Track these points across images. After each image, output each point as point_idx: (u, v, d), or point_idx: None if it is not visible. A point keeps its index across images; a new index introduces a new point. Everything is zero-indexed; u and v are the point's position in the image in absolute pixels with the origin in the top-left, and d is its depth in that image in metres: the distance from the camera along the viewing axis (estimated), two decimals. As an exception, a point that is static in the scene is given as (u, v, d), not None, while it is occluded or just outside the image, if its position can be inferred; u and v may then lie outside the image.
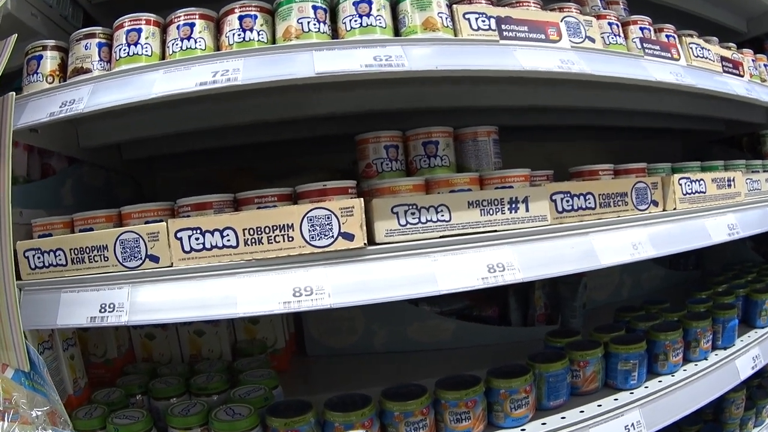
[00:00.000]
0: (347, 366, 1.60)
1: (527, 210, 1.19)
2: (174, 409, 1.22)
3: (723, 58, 1.55)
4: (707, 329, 1.48)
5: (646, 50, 1.40)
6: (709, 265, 2.23)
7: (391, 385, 1.29)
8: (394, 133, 1.25)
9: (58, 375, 1.32)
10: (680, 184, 1.38)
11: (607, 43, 1.35)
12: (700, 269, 2.26)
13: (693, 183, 1.40)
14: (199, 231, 1.11)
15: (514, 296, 1.70)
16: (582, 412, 1.33)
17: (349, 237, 1.09)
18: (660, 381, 1.42)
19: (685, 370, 1.46)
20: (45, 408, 1.18)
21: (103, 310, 1.15)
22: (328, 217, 1.09)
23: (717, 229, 1.42)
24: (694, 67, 1.47)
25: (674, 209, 1.37)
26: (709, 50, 1.52)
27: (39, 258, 1.21)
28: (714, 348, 1.53)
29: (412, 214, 1.12)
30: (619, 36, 1.38)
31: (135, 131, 1.41)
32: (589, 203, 1.26)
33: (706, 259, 2.22)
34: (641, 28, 1.42)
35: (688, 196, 1.39)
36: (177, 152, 1.53)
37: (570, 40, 1.29)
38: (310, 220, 1.09)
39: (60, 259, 1.19)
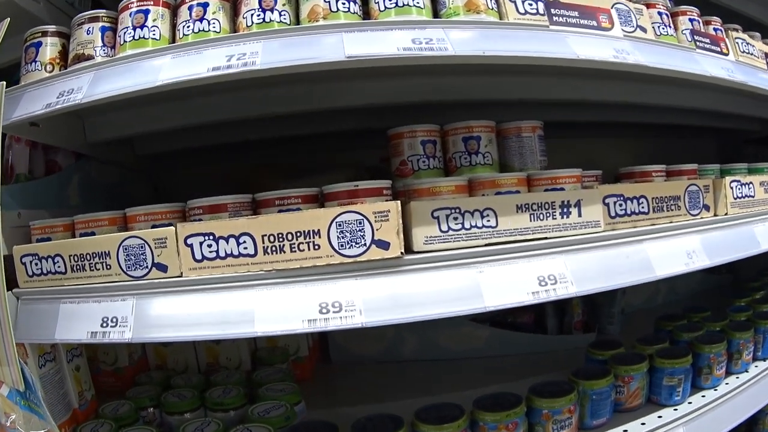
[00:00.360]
0: (374, 375, 1.32)
1: (579, 215, 0.91)
2: (186, 428, 0.95)
3: (767, 55, 1.26)
4: (750, 340, 1.21)
5: (698, 43, 1.11)
6: (741, 268, 1.93)
7: (422, 397, 1.02)
8: (431, 127, 0.97)
9: (62, 388, 1.05)
10: (731, 188, 1.10)
11: (658, 33, 1.07)
12: (732, 273, 1.96)
13: (743, 186, 1.12)
14: (212, 237, 0.83)
15: (551, 302, 1.42)
16: (626, 431, 1.06)
17: (384, 245, 0.81)
18: (703, 396, 1.15)
19: (727, 383, 1.19)
20: (41, 430, 0.91)
21: (104, 324, 0.87)
22: (360, 223, 0.81)
23: (765, 235, 1.15)
24: (742, 63, 1.19)
25: (725, 214, 1.09)
26: (753, 46, 1.23)
27: (36, 264, 0.93)
28: (755, 359, 1.26)
29: (455, 218, 0.84)
30: (670, 27, 1.10)
31: (146, 124, 1.12)
32: (643, 208, 0.98)
33: (739, 263, 1.91)
34: (690, 20, 1.14)
35: (738, 200, 1.11)
36: (194, 147, 1.24)
37: (622, 29, 1.00)
38: (339, 225, 0.81)
39: (59, 266, 0.91)
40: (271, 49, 0.85)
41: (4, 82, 0.91)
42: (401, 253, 0.81)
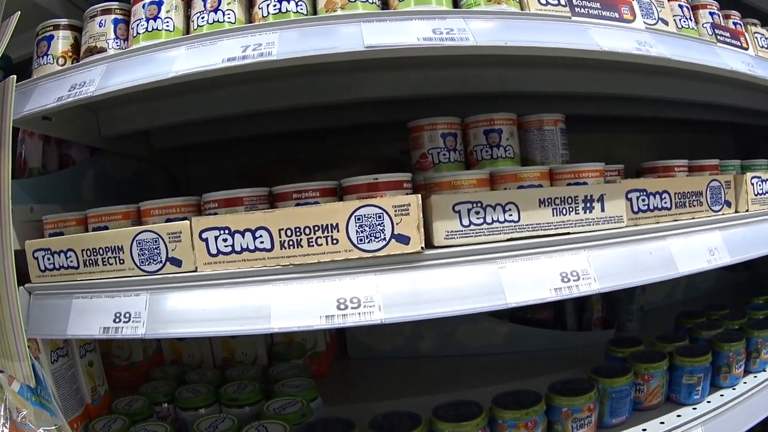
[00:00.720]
0: (392, 371, 1.28)
1: (602, 210, 0.87)
2: (201, 424, 0.92)
3: (785, 50, 1.21)
4: (768, 338, 1.17)
5: (718, 37, 1.07)
6: (759, 266, 1.88)
7: (439, 394, 0.98)
8: (452, 119, 0.93)
9: (75, 383, 1.01)
10: (752, 184, 1.05)
11: (680, 26, 1.02)
12: (749, 270, 1.90)
13: (764, 183, 1.07)
14: (227, 231, 0.79)
15: (571, 299, 1.38)
16: (644, 430, 1.02)
17: (404, 240, 0.78)
18: (722, 395, 1.11)
19: (745, 382, 1.15)
20: (52, 427, 0.88)
21: (117, 320, 0.83)
22: (380, 216, 0.77)
23: (785, 232, 1.10)
24: (761, 57, 1.14)
25: (746, 211, 1.05)
26: (772, 40, 1.19)
27: (49, 259, 0.89)
28: (773, 357, 1.22)
29: (477, 213, 0.80)
30: (691, 20, 1.05)
31: (161, 118, 1.08)
32: (665, 203, 0.94)
33: (756, 260, 1.85)
34: (711, 13, 1.09)
35: (759, 196, 1.07)
36: (211, 141, 1.20)
37: (644, 21, 0.96)
38: (358, 219, 0.77)
39: (71, 261, 0.88)
40: (288, 40, 0.81)
41: (15, 76, 0.87)
42: (421, 247, 0.77)
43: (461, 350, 1.31)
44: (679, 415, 1.05)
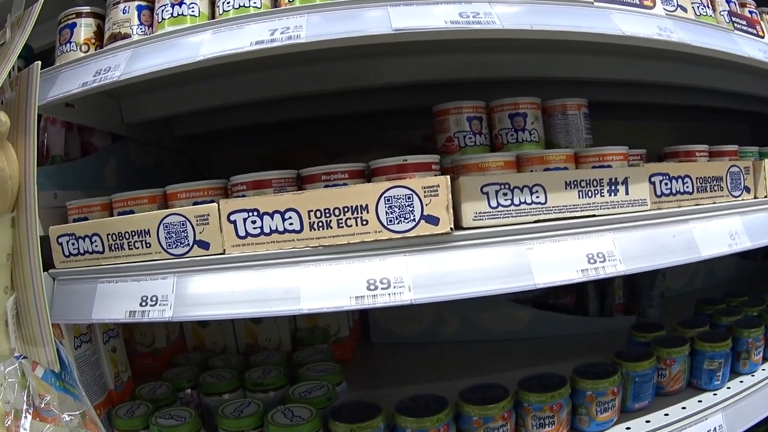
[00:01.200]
0: (415, 356, 1.27)
1: (627, 193, 0.86)
2: (225, 408, 0.90)
3: (797, 40, 1.21)
4: (786, 324, 1.16)
5: (735, 24, 1.06)
6: None
7: (463, 378, 0.98)
8: (477, 103, 0.92)
9: (98, 369, 1.00)
10: (770, 169, 1.04)
11: (698, 13, 1.02)
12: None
13: (781, 168, 1.07)
14: (256, 213, 0.78)
15: (593, 285, 1.37)
16: (666, 415, 1.00)
17: (433, 221, 0.77)
18: (741, 381, 1.10)
19: (764, 369, 1.14)
20: (76, 412, 0.86)
21: (144, 303, 0.82)
22: (409, 198, 0.76)
23: (802, 218, 1.09)
24: (776, 45, 1.14)
25: (765, 197, 1.04)
26: (785, 30, 1.18)
27: (73, 244, 0.88)
28: (790, 344, 1.21)
29: (504, 194, 0.80)
30: (708, 7, 1.05)
31: (183, 104, 1.07)
32: (687, 187, 0.93)
33: None
34: (728, 1, 1.09)
35: (776, 182, 1.06)
36: (232, 127, 1.19)
37: (664, 8, 0.95)
38: (388, 200, 0.76)
39: (96, 246, 0.86)
40: (315, 23, 0.81)
41: (39, 62, 0.86)
42: (451, 228, 0.76)
43: (484, 336, 1.29)
44: (700, 401, 1.04)
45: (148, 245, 0.83)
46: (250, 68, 1.00)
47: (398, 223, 0.77)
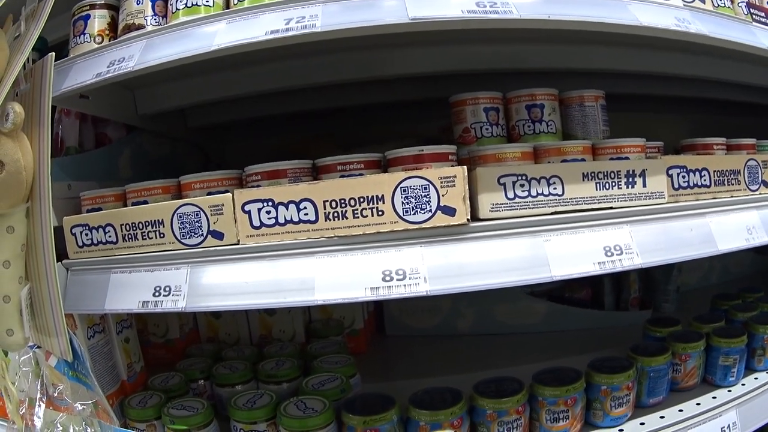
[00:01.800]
0: (430, 349, 1.24)
1: (644, 185, 0.84)
2: (238, 400, 0.89)
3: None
4: (801, 321, 1.13)
5: (754, 16, 1.04)
6: None
7: (478, 372, 0.95)
8: (494, 94, 0.90)
9: (111, 360, 0.99)
10: (787, 164, 1.02)
11: (715, 5, 0.99)
12: None
13: (798, 163, 1.04)
14: (271, 203, 0.77)
15: (609, 278, 1.35)
16: (681, 411, 0.98)
17: (450, 211, 0.75)
18: (756, 378, 1.07)
19: (779, 365, 1.11)
20: (89, 402, 0.85)
21: (157, 294, 0.81)
22: (426, 188, 0.74)
23: (818, 214, 1.06)
24: (792, 39, 1.11)
25: (782, 190, 1.02)
26: (801, 24, 1.15)
27: (87, 235, 0.87)
28: (805, 341, 1.18)
29: (522, 185, 0.78)
30: (726, -1, 1.02)
31: (197, 95, 1.06)
32: (705, 180, 0.91)
33: None
34: (744, -7, 1.06)
35: (793, 176, 1.03)
36: (247, 118, 1.17)
37: (681, -2, 0.93)
38: (404, 191, 0.74)
39: (110, 236, 0.85)
40: (331, 12, 0.79)
41: (54, 53, 0.85)
42: (467, 219, 0.75)
43: (499, 329, 1.27)
44: (714, 397, 1.02)
45: (161, 235, 0.82)
46: (264, 59, 0.99)
47: (414, 213, 0.75)
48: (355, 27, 0.76)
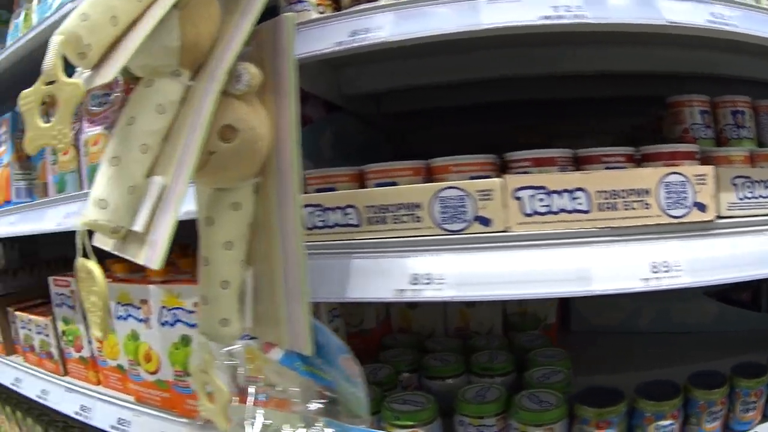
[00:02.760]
0: (614, 345, 1.24)
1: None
2: (466, 393, 0.85)
3: None
4: None
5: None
6: None
7: (688, 365, 0.97)
8: (704, 98, 0.95)
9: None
10: None
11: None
12: None
13: None
14: (543, 191, 0.75)
15: None
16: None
17: (702, 208, 0.78)
18: None
19: None
20: (323, 400, 0.76)
21: (415, 282, 0.74)
22: (683, 184, 0.77)
23: None
24: None
25: None
26: None
27: (320, 216, 0.77)
28: None
29: (748, 187, 0.84)
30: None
31: (398, 79, 0.98)
32: None
33: None
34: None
35: None
36: (439, 107, 1.10)
37: None
38: (667, 186, 0.77)
39: (350, 219, 0.77)
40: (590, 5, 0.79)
41: (293, 14, 0.74)
42: (715, 216, 0.79)
43: (675, 328, 1.27)
44: None
45: (417, 219, 0.75)
46: (475, 47, 0.94)
47: (674, 208, 0.77)
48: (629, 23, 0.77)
